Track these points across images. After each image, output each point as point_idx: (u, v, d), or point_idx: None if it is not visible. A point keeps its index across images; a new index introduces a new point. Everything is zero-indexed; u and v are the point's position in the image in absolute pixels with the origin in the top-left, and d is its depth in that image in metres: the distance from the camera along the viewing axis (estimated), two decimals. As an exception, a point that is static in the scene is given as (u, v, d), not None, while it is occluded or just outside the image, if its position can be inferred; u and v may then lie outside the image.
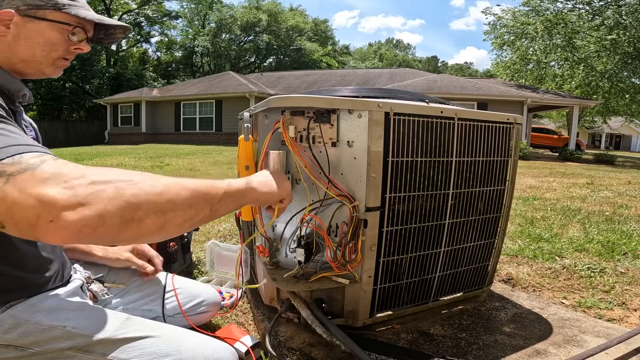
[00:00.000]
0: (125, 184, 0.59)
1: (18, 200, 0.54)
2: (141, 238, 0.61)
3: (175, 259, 1.87)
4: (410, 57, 60.89)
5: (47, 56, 0.87)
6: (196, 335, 0.89)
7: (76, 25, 0.89)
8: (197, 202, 0.67)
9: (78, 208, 0.54)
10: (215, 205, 0.71)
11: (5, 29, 0.82)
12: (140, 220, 0.58)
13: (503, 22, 18.71)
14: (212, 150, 11.78)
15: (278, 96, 1.13)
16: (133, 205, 0.58)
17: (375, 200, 1.09)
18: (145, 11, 32.14)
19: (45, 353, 0.77)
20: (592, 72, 16.22)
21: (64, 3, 0.86)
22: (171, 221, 0.63)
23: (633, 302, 1.75)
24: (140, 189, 0.60)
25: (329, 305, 1.23)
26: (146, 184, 0.61)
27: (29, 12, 0.83)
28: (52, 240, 0.55)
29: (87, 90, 26.03)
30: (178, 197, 0.64)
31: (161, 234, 0.63)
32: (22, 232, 0.55)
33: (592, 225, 3.20)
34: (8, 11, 0.81)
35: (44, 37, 0.85)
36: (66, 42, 0.89)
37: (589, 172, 8.79)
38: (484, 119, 1.29)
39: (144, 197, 0.59)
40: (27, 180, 0.55)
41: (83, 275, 1.07)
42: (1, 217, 0.55)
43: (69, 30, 0.88)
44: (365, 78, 20.13)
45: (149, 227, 0.60)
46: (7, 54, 0.84)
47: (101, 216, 0.55)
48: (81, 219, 0.54)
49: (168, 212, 0.62)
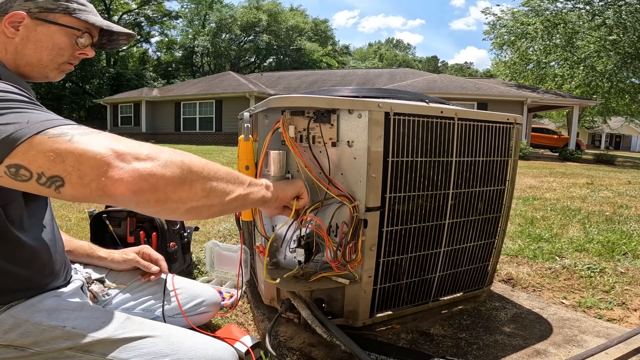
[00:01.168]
0: (178, 152, 0.65)
1: (89, 150, 0.57)
2: (188, 202, 0.64)
3: (175, 259, 1.86)
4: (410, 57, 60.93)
5: (53, 60, 0.87)
6: (196, 335, 0.89)
7: (85, 30, 0.89)
8: (232, 179, 0.73)
9: (147, 160, 0.59)
10: (248, 188, 0.78)
11: (14, 30, 0.82)
12: (191, 183, 0.63)
13: (503, 22, 18.71)
14: (212, 150, 11.78)
15: (278, 96, 1.13)
16: (186, 166, 0.63)
17: (375, 200, 1.09)
18: (145, 11, 32.15)
19: (45, 353, 0.77)
20: (592, 72, 16.22)
21: (74, 8, 0.86)
22: (214, 190, 0.68)
23: (633, 302, 1.75)
24: (188, 157, 0.66)
25: (329, 305, 1.23)
26: (190, 155, 0.67)
27: (40, 15, 0.83)
28: (116, 190, 0.56)
29: (87, 90, 26.04)
30: (218, 171, 0.70)
31: (206, 200, 0.66)
32: (85, 185, 0.56)
33: (592, 225, 3.20)
34: (19, 13, 0.81)
35: (53, 41, 0.85)
36: (73, 47, 0.89)
37: (589, 172, 8.79)
38: (484, 119, 1.29)
39: (195, 163, 0.65)
40: (95, 137, 0.59)
41: (83, 275, 1.07)
42: (65, 171, 0.56)
43: (78, 35, 0.88)
44: (365, 78, 20.14)
45: (197, 192, 0.64)
46: (14, 56, 0.83)
47: (165, 166, 0.60)
48: (150, 167, 0.59)
49: (212, 181, 0.67)
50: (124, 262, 1.18)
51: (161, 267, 1.22)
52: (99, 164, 0.56)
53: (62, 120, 0.62)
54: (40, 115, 0.62)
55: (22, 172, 0.57)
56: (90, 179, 0.56)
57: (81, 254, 1.15)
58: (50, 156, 0.56)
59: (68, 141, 0.57)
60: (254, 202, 0.82)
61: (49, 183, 0.57)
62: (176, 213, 0.64)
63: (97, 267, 1.17)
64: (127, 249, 1.22)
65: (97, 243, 1.26)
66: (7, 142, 0.57)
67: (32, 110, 0.63)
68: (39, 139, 0.57)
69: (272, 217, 1.22)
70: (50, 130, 0.59)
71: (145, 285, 1.19)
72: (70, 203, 3.92)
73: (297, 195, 0.99)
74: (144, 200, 0.59)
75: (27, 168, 0.57)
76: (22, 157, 0.57)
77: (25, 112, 0.62)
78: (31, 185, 0.58)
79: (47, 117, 0.62)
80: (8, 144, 0.57)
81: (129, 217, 1.86)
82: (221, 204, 0.70)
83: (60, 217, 3.31)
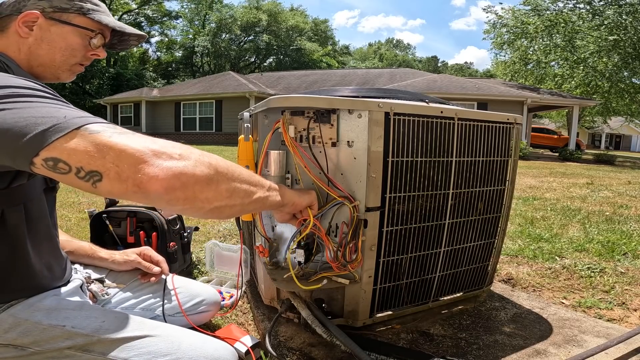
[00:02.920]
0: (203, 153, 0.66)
1: (129, 147, 0.58)
2: (214, 201, 0.65)
3: (175, 259, 1.86)
4: (410, 57, 60.94)
5: (66, 61, 0.87)
6: (196, 334, 0.89)
7: (98, 31, 0.88)
8: (254, 182, 0.76)
9: (179, 160, 0.61)
10: (267, 192, 0.79)
11: (28, 30, 0.81)
12: (218, 183, 0.65)
13: (503, 22, 18.71)
14: (212, 150, 11.71)
15: (278, 96, 1.13)
16: (213, 166, 0.65)
17: (375, 200, 1.09)
18: (145, 11, 32.15)
19: (44, 352, 0.77)
20: (592, 72, 16.22)
21: (88, 8, 0.86)
22: (238, 191, 0.69)
23: (633, 302, 1.75)
24: (215, 158, 0.67)
25: (329, 305, 1.23)
26: (216, 156, 0.68)
27: (54, 14, 0.82)
28: (151, 187, 0.58)
29: (87, 90, 26.03)
30: (241, 173, 0.72)
31: (228, 200, 0.68)
32: (123, 180, 0.58)
33: (592, 225, 3.20)
34: (34, 12, 0.80)
35: (66, 42, 0.85)
36: (85, 47, 0.88)
37: (589, 172, 8.79)
38: (484, 119, 1.29)
39: (220, 164, 0.67)
40: (131, 136, 0.61)
41: (83, 275, 1.07)
42: (104, 167, 0.57)
43: (91, 36, 0.87)
44: (365, 78, 20.14)
45: (222, 192, 0.66)
46: (27, 57, 0.83)
47: (195, 166, 0.62)
48: (180, 167, 0.60)
49: (235, 182, 0.69)
50: (125, 263, 1.18)
51: (162, 268, 1.22)
52: (137, 161, 0.58)
53: (97, 118, 0.64)
54: (75, 111, 0.63)
55: (60, 166, 0.58)
56: (128, 175, 0.57)
57: (82, 254, 1.14)
58: (90, 151, 0.58)
59: (108, 138, 0.59)
60: (271, 206, 0.84)
61: (88, 177, 0.58)
62: (201, 211, 0.65)
63: (97, 267, 1.17)
64: (128, 250, 1.22)
65: (97, 243, 1.26)
66: (46, 135, 0.58)
67: (66, 107, 0.65)
68: (79, 134, 0.59)
69: (272, 217, 1.22)
70: (90, 127, 0.60)
71: (144, 284, 1.19)
72: (70, 203, 3.92)
73: (310, 205, 1.00)
74: (174, 198, 0.60)
75: (65, 162, 0.58)
76: (60, 150, 0.58)
77: (61, 108, 0.63)
78: (69, 178, 0.59)
79: (82, 113, 0.64)
80: (46, 136, 0.58)
81: (129, 217, 1.86)
82: (242, 204, 0.72)
83: (61, 217, 3.31)
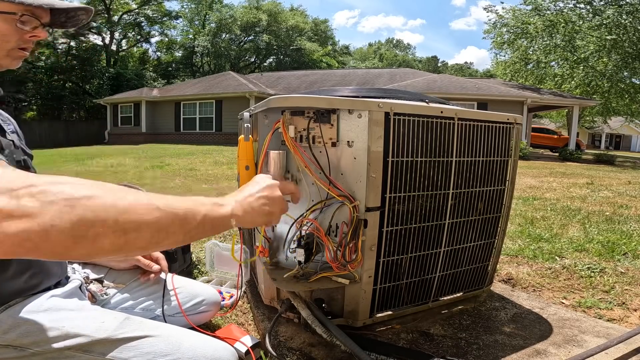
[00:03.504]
0: (81, 197, 0.52)
1: None
2: (96, 256, 0.55)
3: (175, 259, 1.86)
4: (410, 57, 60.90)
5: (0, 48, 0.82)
6: (196, 335, 0.89)
7: (23, 13, 0.82)
8: (168, 225, 0.59)
9: (22, 219, 0.48)
10: (191, 232, 0.63)
11: None
12: (94, 239, 0.52)
13: (504, 21, 18.70)
14: (212, 150, 11.78)
15: (278, 96, 1.12)
16: (87, 221, 0.51)
17: (375, 200, 1.09)
18: (145, 11, 32.11)
19: (44, 353, 0.77)
20: (592, 72, 16.22)
21: None
22: (133, 243, 0.56)
23: (633, 302, 1.75)
24: (99, 204, 0.53)
25: (329, 305, 1.23)
26: (107, 199, 0.54)
27: None
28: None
29: (87, 90, 26.05)
30: (145, 218, 0.56)
31: (119, 254, 0.56)
32: None
33: (592, 225, 3.20)
34: None
35: None
36: (17, 31, 0.83)
37: (589, 172, 8.78)
38: (484, 119, 1.29)
39: (102, 214, 0.53)
40: None
41: (81, 275, 1.07)
42: None
43: (16, 19, 0.82)
44: (365, 78, 20.14)
45: (105, 247, 0.53)
46: None
47: (45, 231, 0.48)
48: (22, 232, 0.48)
49: (130, 233, 0.55)
50: (124, 260, 1.18)
51: (161, 265, 1.22)
52: None
53: None
54: None
55: None
56: None
57: None
58: None
59: None
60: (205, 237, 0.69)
61: None
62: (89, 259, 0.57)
63: (96, 265, 1.17)
64: None
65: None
66: None
67: None
68: None
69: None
70: None
71: (144, 284, 1.19)
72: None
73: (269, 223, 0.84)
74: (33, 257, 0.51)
75: None
76: None
77: None
78: None
79: None
80: None
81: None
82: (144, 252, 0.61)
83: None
